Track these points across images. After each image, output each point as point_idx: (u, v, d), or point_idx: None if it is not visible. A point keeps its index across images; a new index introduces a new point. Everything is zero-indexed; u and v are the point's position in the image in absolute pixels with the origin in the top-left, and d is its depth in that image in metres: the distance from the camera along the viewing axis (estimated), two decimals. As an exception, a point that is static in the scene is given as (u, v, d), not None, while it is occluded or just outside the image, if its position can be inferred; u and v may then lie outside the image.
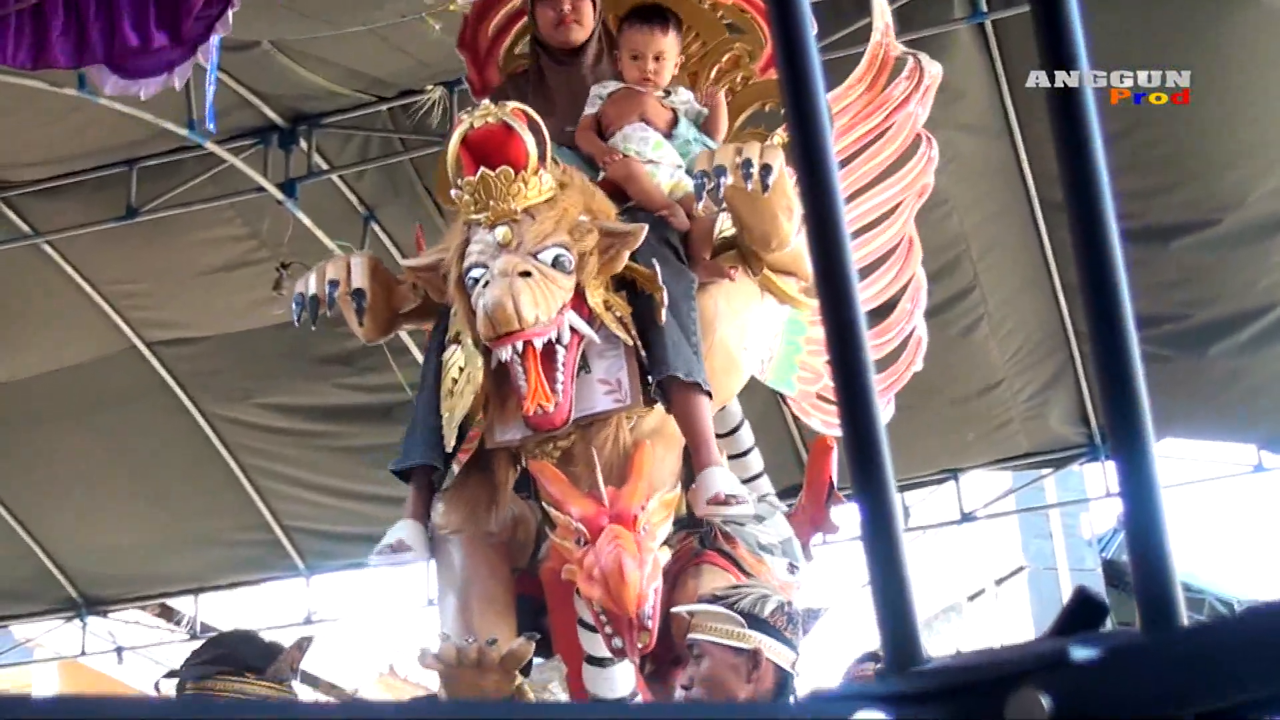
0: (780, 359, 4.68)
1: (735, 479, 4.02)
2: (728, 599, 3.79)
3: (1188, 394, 8.64)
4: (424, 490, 4.15)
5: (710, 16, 4.85)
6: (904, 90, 4.72)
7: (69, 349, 9.72)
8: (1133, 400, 0.91)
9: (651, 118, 4.49)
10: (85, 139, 8.56)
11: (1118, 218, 0.96)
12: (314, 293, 4.23)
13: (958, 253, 8.48)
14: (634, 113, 4.49)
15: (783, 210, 4.10)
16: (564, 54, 4.72)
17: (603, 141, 4.48)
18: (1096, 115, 0.94)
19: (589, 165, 4.41)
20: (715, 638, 3.73)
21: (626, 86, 4.55)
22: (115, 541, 10.50)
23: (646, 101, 4.51)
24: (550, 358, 3.81)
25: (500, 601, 4.01)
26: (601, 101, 4.55)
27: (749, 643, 3.71)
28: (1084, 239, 0.92)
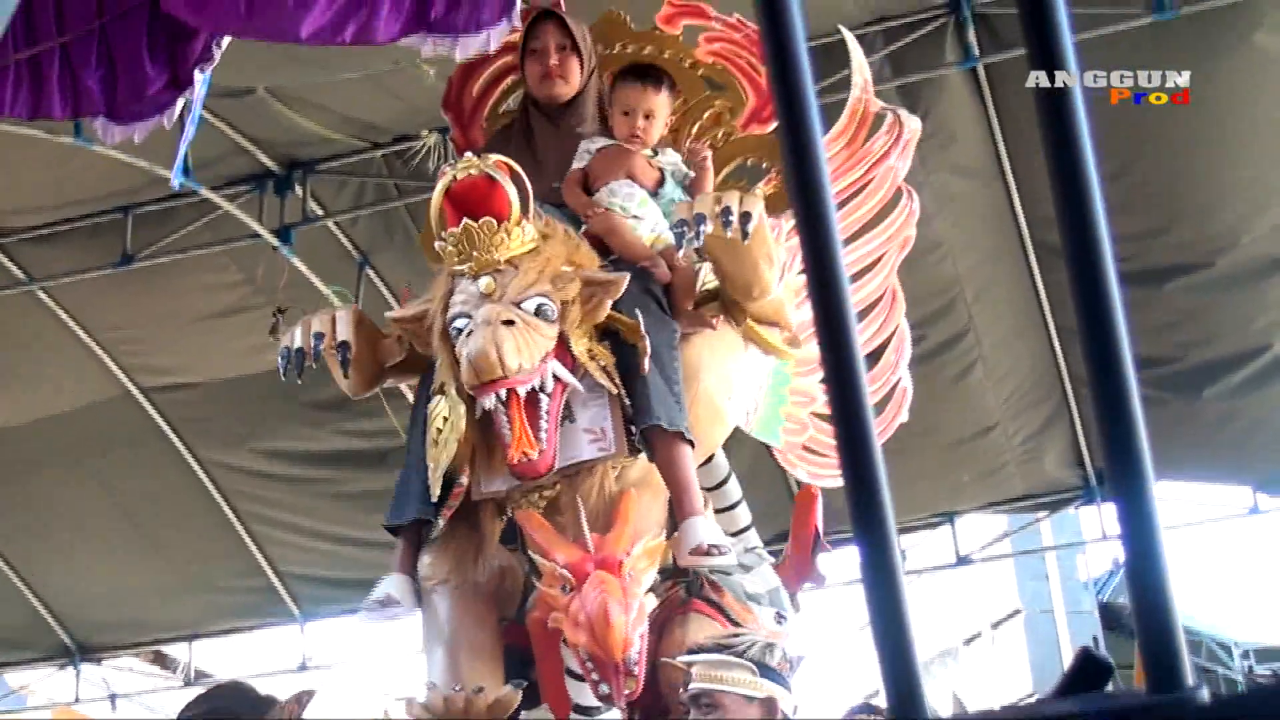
0: (765, 410, 4.70)
1: (718, 529, 4.02)
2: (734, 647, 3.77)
3: (1183, 436, 8.65)
4: (412, 543, 4.14)
5: (691, 74, 4.88)
6: (884, 144, 4.77)
7: (64, 395, 9.71)
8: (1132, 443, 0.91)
9: (638, 175, 4.52)
10: (81, 186, 8.58)
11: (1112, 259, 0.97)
12: (299, 346, 4.25)
13: (952, 296, 8.49)
14: (620, 169, 4.51)
15: (764, 258, 4.13)
16: (553, 110, 4.75)
17: (588, 196, 4.50)
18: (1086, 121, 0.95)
19: (575, 222, 4.42)
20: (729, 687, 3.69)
21: (615, 143, 4.57)
22: (109, 588, 10.46)
23: (634, 159, 4.54)
24: (534, 406, 3.82)
25: (487, 651, 4.00)
26: (590, 156, 4.57)
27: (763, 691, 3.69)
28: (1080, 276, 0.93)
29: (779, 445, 4.79)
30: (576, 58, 4.69)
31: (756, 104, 4.78)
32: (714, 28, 4.84)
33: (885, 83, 7.75)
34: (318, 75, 7.41)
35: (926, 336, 8.64)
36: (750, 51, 4.79)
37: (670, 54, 4.89)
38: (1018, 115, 7.71)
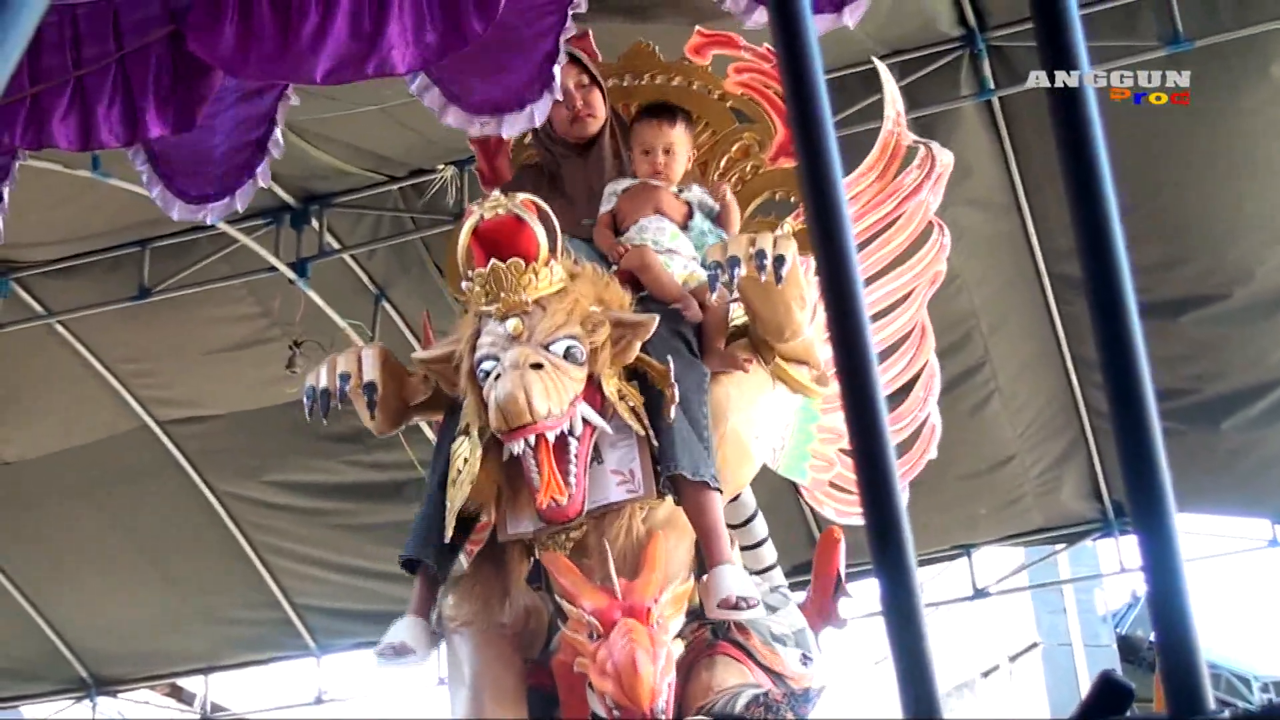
0: (793, 447, 4.67)
1: (747, 577, 3.99)
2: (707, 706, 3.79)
3: (1201, 468, 8.62)
4: (428, 584, 4.12)
5: (719, 106, 4.87)
6: (915, 179, 4.75)
7: (80, 428, 9.73)
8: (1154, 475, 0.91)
9: (666, 210, 4.51)
10: (98, 219, 8.60)
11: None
12: (325, 386, 4.22)
13: (968, 328, 8.48)
14: (649, 206, 4.50)
15: (795, 300, 4.11)
16: (578, 146, 4.75)
17: (617, 236, 4.49)
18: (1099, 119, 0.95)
19: (604, 259, 4.41)
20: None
21: (641, 182, 4.56)
22: (125, 620, 10.46)
23: (661, 195, 4.53)
24: (563, 450, 3.79)
25: (511, 694, 3.98)
26: (616, 198, 4.56)
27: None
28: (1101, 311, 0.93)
29: (806, 483, 4.77)
30: (599, 91, 4.70)
31: (785, 137, 4.75)
32: (743, 57, 4.82)
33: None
34: (334, 109, 7.43)
35: (943, 368, 8.62)
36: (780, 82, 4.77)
37: (699, 85, 4.88)
38: (1033, 148, 7.72)
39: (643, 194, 4.54)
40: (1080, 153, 0.93)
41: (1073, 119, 0.95)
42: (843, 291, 0.95)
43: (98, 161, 7.49)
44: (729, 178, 4.81)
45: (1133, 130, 7.25)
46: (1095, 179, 0.91)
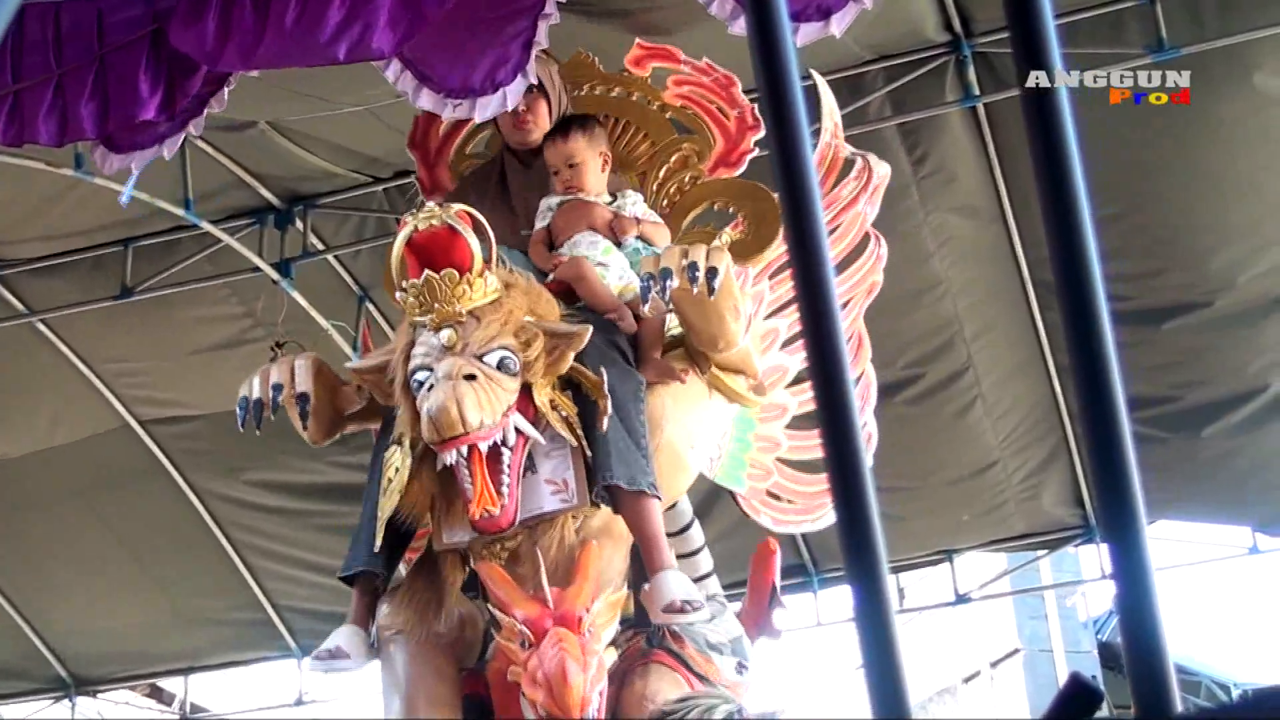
0: (729, 456, 4.68)
1: (689, 583, 4.01)
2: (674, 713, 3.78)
3: (1182, 476, 8.64)
4: (366, 594, 4.14)
5: (659, 118, 4.90)
6: (852, 190, 4.78)
7: (62, 427, 9.70)
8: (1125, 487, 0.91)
9: (600, 227, 4.53)
10: (81, 218, 8.58)
11: (1109, 299, 0.97)
12: (258, 397, 4.24)
13: (951, 334, 8.50)
14: (582, 222, 4.54)
15: (729, 311, 4.13)
16: (525, 155, 4.78)
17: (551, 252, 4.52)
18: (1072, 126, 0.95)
19: (542, 272, 4.45)
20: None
21: (575, 198, 4.59)
22: (105, 621, 10.43)
23: (594, 210, 4.56)
24: (496, 460, 3.81)
25: (446, 703, 3.99)
26: (551, 213, 4.60)
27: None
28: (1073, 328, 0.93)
29: (743, 491, 4.76)
30: (544, 100, 4.71)
31: (724, 148, 4.79)
32: (683, 71, 4.86)
33: (885, 121, 7.78)
34: (319, 109, 7.42)
35: (926, 374, 8.65)
36: (719, 95, 4.80)
37: (638, 96, 4.93)
38: (1018, 155, 7.72)
39: (576, 210, 4.56)
40: (1054, 159, 0.94)
41: (1047, 124, 0.95)
42: (815, 294, 0.95)
43: (81, 160, 7.48)
44: (668, 187, 4.83)
45: (1115, 139, 7.28)
46: (1068, 185, 0.91)
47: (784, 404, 4.80)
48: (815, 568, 9.51)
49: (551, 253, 4.53)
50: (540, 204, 4.63)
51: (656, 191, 4.82)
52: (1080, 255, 0.93)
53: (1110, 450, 0.89)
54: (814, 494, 4.88)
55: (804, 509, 4.85)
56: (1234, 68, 7.30)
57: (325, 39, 4.48)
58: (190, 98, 4.67)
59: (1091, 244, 0.93)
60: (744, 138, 4.77)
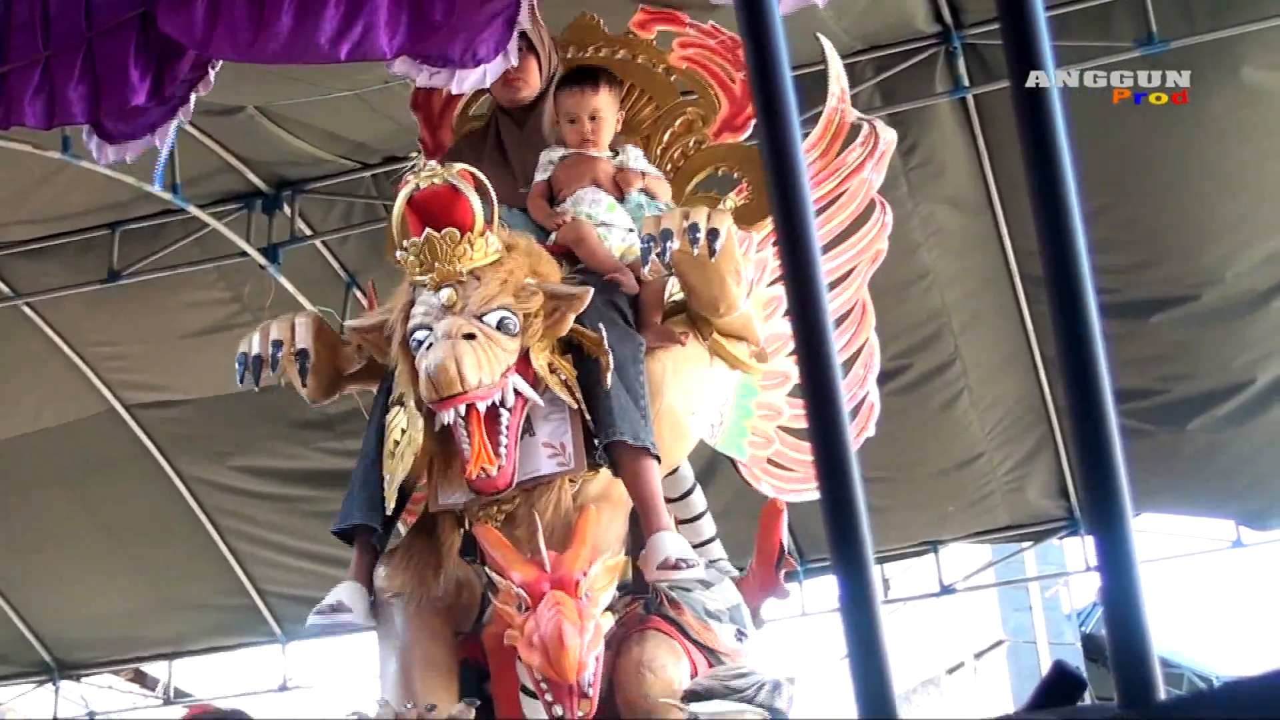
0: (731, 424, 4.66)
1: (686, 543, 3.99)
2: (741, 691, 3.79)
3: (1166, 469, 8.66)
4: (366, 553, 4.12)
5: (664, 80, 4.86)
6: (859, 156, 4.74)
7: (48, 411, 9.68)
8: (1111, 475, 0.91)
9: (603, 181, 4.51)
10: (68, 201, 8.56)
11: (1097, 292, 0.96)
12: (257, 353, 4.23)
13: (939, 325, 8.50)
14: (585, 177, 4.51)
15: (730, 275, 4.11)
16: (518, 113, 4.75)
17: (553, 206, 4.49)
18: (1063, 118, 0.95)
19: (540, 230, 4.42)
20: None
21: (577, 152, 4.56)
22: (89, 605, 10.41)
23: (598, 165, 4.53)
24: (494, 421, 3.80)
25: (443, 667, 3.98)
26: (553, 167, 4.56)
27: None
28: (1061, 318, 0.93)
29: (744, 459, 4.76)
30: (534, 58, 4.69)
31: (730, 112, 4.77)
32: (688, 34, 4.83)
33: (875, 111, 7.77)
34: (308, 94, 7.41)
35: (913, 365, 8.65)
36: (724, 58, 4.77)
37: (643, 58, 4.88)
38: (1007, 147, 7.73)
39: (580, 165, 4.53)
40: (1044, 152, 0.93)
41: (1037, 117, 0.94)
42: (803, 278, 0.95)
43: (68, 143, 7.46)
44: (672, 152, 4.81)
45: (1105, 132, 7.28)
46: (1058, 177, 0.91)
47: (786, 371, 4.76)
48: (801, 557, 9.52)
49: (553, 208, 4.50)
50: (541, 157, 4.60)
51: (660, 155, 4.78)
52: (1069, 249, 0.93)
53: (1097, 443, 0.89)
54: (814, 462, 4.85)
55: (805, 477, 4.82)
56: (1223, 62, 7.30)
57: (325, 39, 4.45)
58: (179, 82, 4.64)
59: (1080, 238, 0.93)
60: (749, 101, 4.73)
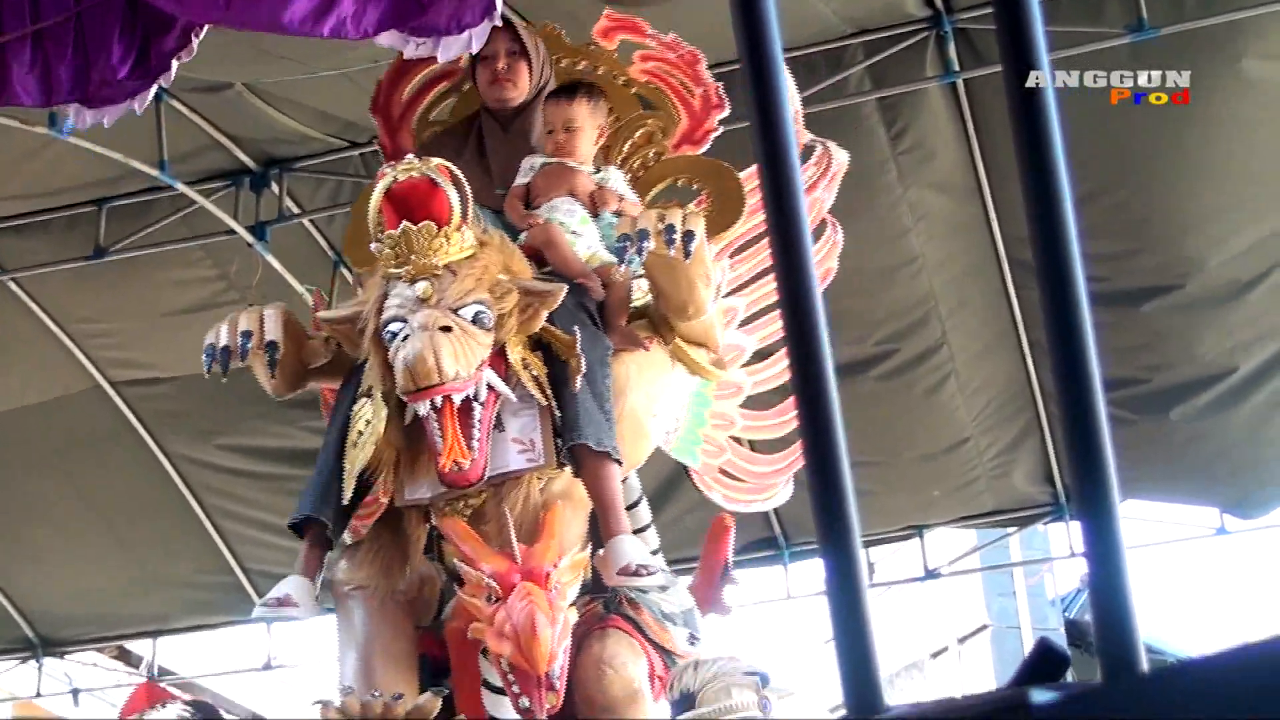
0: (686, 430, 4.70)
1: (645, 548, 4.03)
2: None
3: (1151, 457, 8.68)
4: (317, 545, 4.11)
5: (624, 92, 4.90)
6: (811, 176, 4.80)
7: (33, 387, 9.65)
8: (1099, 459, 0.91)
9: (580, 194, 4.54)
10: (55, 177, 8.53)
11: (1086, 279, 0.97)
12: (225, 344, 4.23)
13: (926, 310, 8.51)
14: (563, 187, 4.55)
15: (700, 278, 4.17)
16: (504, 117, 4.78)
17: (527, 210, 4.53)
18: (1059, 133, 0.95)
19: (514, 232, 4.45)
20: None
21: (559, 161, 4.60)
22: (74, 582, 10.39)
23: (576, 177, 4.57)
24: (467, 414, 3.81)
25: (404, 659, 4.00)
26: (533, 173, 4.60)
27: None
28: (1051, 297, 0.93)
29: (697, 466, 4.79)
30: (526, 64, 4.71)
31: (689, 125, 4.81)
32: (649, 46, 4.85)
33: (865, 95, 7.78)
34: (296, 72, 7.38)
35: (900, 350, 8.66)
36: (684, 72, 4.81)
37: (605, 70, 4.92)
38: (996, 132, 7.72)
39: (559, 174, 4.57)
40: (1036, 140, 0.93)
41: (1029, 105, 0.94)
42: (795, 268, 0.95)
43: (55, 119, 7.43)
44: (632, 163, 4.84)
45: (1096, 119, 7.27)
46: (1050, 167, 0.91)
47: (739, 382, 4.85)
48: (786, 541, 9.54)
49: (527, 211, 4.53)
50: (523, 163, 4.63)
51: (620, 166, 4.81)
52: (1060, 236, 0.93)
53: (1085, 427, 0.89)
54: (766, 473, 4.92)
55: (755, 488, 4.90)
56: (1216, 51, 7.30)
57: (310, 12, 4.43)
58: (165, 54, 4.62)
59: (1072, 225, 0.93)
60: (708, 115, 4.79)
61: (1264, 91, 7.48)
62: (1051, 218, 0.93)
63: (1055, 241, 0.92)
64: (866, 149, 7.78)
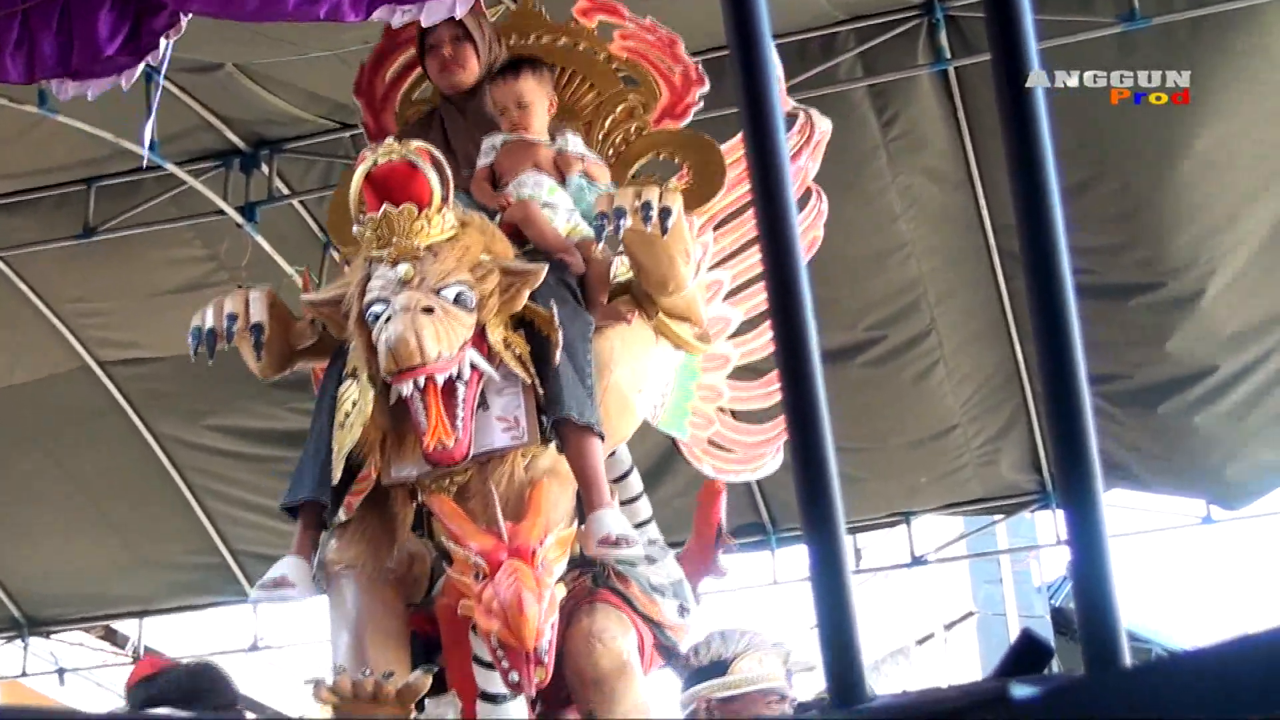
0: (673, 404, 4.72)
1: (626, 521, 4.05)
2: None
3: (1138, 449, 8.71)
4: (311, 527, 4.13)
5: (605, 68, 4.92)
6: (795, 144, 4.81)
7: (21, 367, 9.63)
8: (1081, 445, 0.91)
9: (544, 165, 4.57)
10: (44, 156, 8.51)
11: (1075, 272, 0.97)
12: (211, 326, 4.24)
13: (915, 296, 8.52)
14: (527, 161, 4.57)
15: (680, 254, 4.19)
16: (459, 100, 4.81)
17: (496, 190, 4.56)
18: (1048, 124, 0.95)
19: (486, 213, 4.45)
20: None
21: (518, 137, 4.62)
22: (60, 562, 10.39)
23: (538, 150, 4.59)
24: (451, 394, 3.83)
25: (395, 637, 4.01)
26: (495, 152, 4.63)
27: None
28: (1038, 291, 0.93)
29: (685, 439, 4.82)
30: (471, 45, 4.73)
31: (670, 100, 4.82)
32: (627, 27, 4.87)
33: (856, 82, 7.78)
34: (287, 53, 7.37)
35: (888, 336, 8.67)
36: (663, 53, 4.82)
37: (585, 45, 4.93)
38: (987, 121, 7.73)
39: (520, 149, 4.59)
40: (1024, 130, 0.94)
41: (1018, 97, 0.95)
42: (781, 249, 0.95)
43: (45, 97, 7.41)
44: (613, 137, 4.86)
45: (1085, 112, 7.28)
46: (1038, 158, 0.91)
47: (726, 354, 4.88)
48: (773, 526, 9.56)
49: (496, 190, 4.56)
50: (483, 143, 4.66)
51: (602, 141, 4.84)
52: (1047, 226, 0.93)
53: (1069, 417, 0.90)
54: (754, 444, 4.95)
55: (744, 458, 4.93)
56: (1207, 41, 7.30)
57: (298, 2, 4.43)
58: (155, 33, 4.61)
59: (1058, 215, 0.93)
60: (689, 91, 4.81)
61: (1255, 84, 7.48)
62: (1039, 210, 0.93)
63: (1042, 234, 0.93)
64: (857, 135, 7.79)
